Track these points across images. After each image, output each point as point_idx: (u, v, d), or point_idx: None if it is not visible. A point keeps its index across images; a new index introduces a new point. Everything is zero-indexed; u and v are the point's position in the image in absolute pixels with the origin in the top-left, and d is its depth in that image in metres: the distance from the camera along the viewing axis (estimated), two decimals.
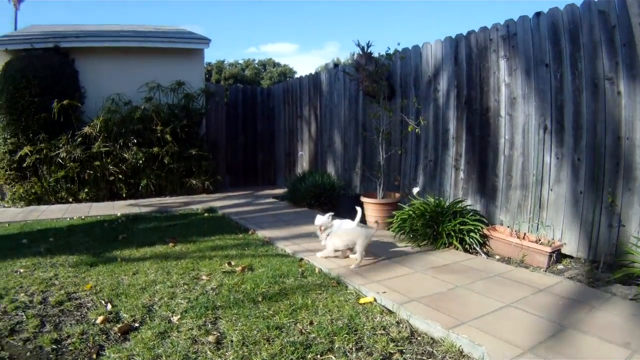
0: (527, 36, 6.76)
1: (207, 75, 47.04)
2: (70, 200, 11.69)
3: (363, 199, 8.46)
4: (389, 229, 7.75)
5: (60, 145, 11.38)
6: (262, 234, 7.75)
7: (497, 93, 7.29)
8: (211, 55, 77.95)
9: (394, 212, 7.67)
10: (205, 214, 9.87)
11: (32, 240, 7.36)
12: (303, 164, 13.44)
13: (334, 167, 11.77)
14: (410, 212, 7.09)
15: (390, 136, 8.86)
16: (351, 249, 6.06)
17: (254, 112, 15.48)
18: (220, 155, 14.43)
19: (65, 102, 11.26)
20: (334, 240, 6.14)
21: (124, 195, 12.08)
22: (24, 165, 11.29)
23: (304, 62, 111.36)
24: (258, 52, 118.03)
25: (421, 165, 8.80)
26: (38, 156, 11.26)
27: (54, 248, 6.80)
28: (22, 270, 5.62)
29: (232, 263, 5.88)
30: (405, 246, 6.83)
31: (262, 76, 53.49)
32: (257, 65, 56.55)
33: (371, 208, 8.31)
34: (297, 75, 15.05)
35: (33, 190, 11.45)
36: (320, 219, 6.43)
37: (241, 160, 15.52)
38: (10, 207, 11.33)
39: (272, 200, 11.83)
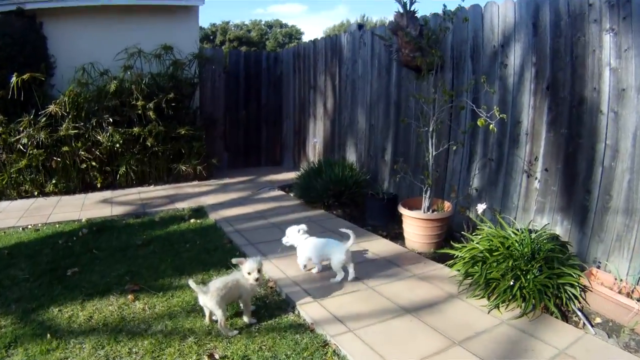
0: None
1: (211, 37, 45.97)
2: (36, 193, 9.86)
3: (403, 211, 6.34)
4: (434, 250, 6.14)
5: (21, 128, 9.48)
6: (265, 268, 5.43)
7: (598, 80, 5.11)
8: (216, 16, 76.30)
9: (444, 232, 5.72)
10: (192, 221, 7.82)
11: None
12: (316, 145, 11.29)
13: (355, 153, 9.60)
14: (483, 250, 4.89)
15: (441, 126, 6.63)
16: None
17: (258, 81, 13.16)
18: (217, 132, 12.43)
19: (25, 75, 9.28)
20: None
21: (99, 186, 10.18)
22: None
23: (313, 23, 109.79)
24: (265, 13, 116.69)
25: (477, 165, 6.65)
26: None
27: None
28: None
29: (216, 356, 3.79)
30: (482, 308, 4.55)
31: (267, 38, 52.17)
32: (263, 26, 55.08)
33: (414, 224, 6.23)
34: (304, 37, 12.89)
35: None
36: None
37: (242, 137, 13.28)
38: None
39: (278, 194, 9.65)
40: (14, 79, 9.26)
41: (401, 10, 6.88)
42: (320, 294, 4.84)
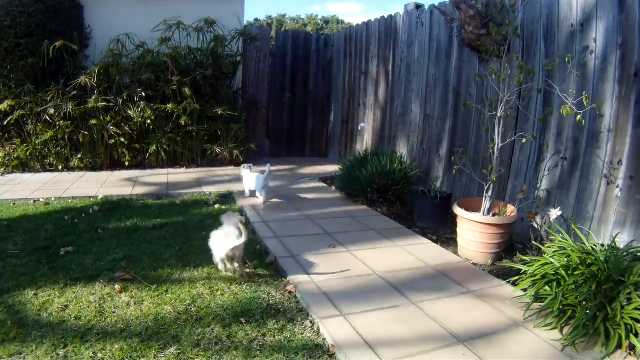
0: None
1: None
2: (61, 167, 9.50)
3: (459, 212, 5.32)
4: (492, 262, 5.09)
5: (49, 98, 9.05)
6: (287, 265, 4.72)
7: None
8: (273, 9, 76.55)
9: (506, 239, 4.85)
10: (216, 206, 7.09)
11: None
12: (365, 136, 10.30)
13: (406, 146, 8.58)
14: (559, 267, 3.87)
15: (509, 113, 5.56)
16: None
17: (307, 65, 12.25)
18: (259, 116, 11.64)
19: (58, 43, 8.87)
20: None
21: (127, 164, 9.66)
22: (5, 123, 9.18)
23: None
24: (323, 10, 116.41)
25: (547, 164, 5.59)
26: (23, 112, 9.08)
27: None
28: None
29: None
30: (554, 344, 3.46)
31: (323, 33, 51.96)
32: (319, 21, 54.71)
33: (471, 229, 5.18)
34: (350, 25, 11.99)
35: (16, 155, 9.35)
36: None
37: (286, 124, 12.38)
38: None
39: (318, 186, 8.75)
40: (45, 47, 8.90)
41: None
42: (350, 306, 3.87)
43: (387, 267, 4.64)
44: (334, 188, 8.43)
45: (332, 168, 10.24)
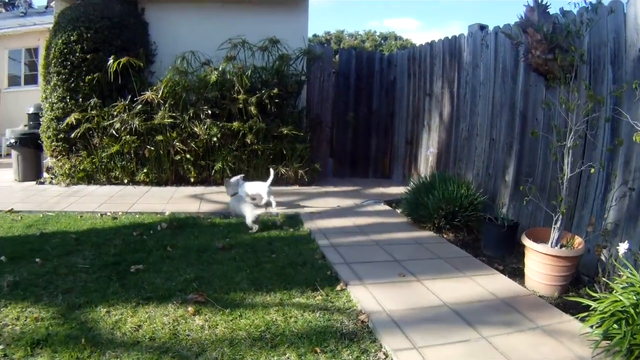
0: None
1: (325, 45, 45.56)
2: (126, 181, 9.79)
3: (527, 243, 5.20)
4: (559, 295, 4.94)
5: (115, 113, 9.32)
6: (358, 295, 4.64)
7: None
8: (331, 25, 76.60)
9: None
10: (283, 228, 7.06)
11: (15, 257, 5.41)
12: (429, 158, 10.16)
13: (472, 170, 8.44)
14: (627, 305, 3.74)
15: (578, 142, 5.41)
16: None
17: (370, 85, 12.17)
18: (323, 135, 11.67)
19: (123, 59, 9.14)
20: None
21: (192, 180, 9.86)
22: (72, 136, 9.48)
23: (425, 39, 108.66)
24: (380, 26, 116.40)
25: (614, 194, 5.40)
26: (89, 125, 9.38)
27: (23, 283, 4.70)
28: None
29: None
30: None
31: (381, 49, 51.81)
32: (377, 37, 54.55)
33: (538, 260, 5.07)
34: (414, 45, 11.99)
35: (81, 167, 9.70)
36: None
37: (350, 144, 12.29)
38: (56, 184, 9.81)
39: (383, 209, 8.63)
40: (111, 62, 9.13)
41: (531, 4, 5.84)
42: (422, 338, 3.80)
43: (457, 298, 4.58)
44: (399, 211, 8.31)
45: (396, 190, 10.13)
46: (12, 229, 6.62)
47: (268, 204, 8.00)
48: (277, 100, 9.80)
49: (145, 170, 9.65)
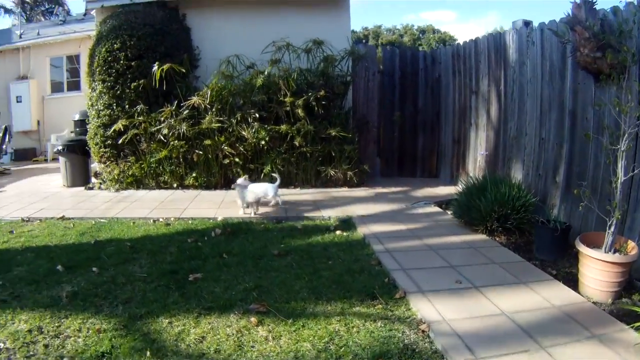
0: None
1: (363, 40, 45.80)
2: (175, 185, 9.98)
3: (581, 248, 5.14)
4: (612, 301, 4.87)
5: (162, 118, 9.51)
6: (417, 304, 4.63)
7: None
8: (368, 20, 76.18)
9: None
10: (337, 232, 7.02)
11: (71, 266, 5.51)
12: (477, 158, 10.08)
13: (521, 170, 8.34)
14: None
15: (631, 145, 5.36)
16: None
17: (415, 83, 12.10)
18: (370, 136, 11.65)
19: (165, 66, 9.32)
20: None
21: None
22: (120, 142, 9.69)
23: (464, 30, 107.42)
24: (417, 19, 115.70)
25: None
26: (136, 131, 9.53)
27: (82, 293, 4.78)
28: None
29: None
30: None
31: (420, 43, 51.40)
32: (415, 31, 54.25)
33: (593, 266, 5.02)
34: (457, 42, 11.85)
35: (130, 172, 9.88)
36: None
37: (397, 143, 12.26)
38: (105, 189, 9.98)
39: (434, 211, 8.56)
40: (155, 69, 9.32)
41: (578, 1, 5.81)
42: (483, 349, 3.80)
43: (515, 306, 4.55)
44: (449, 213, 8.24)
45: (444, 190, 10.14)
46: (66, 236, 6.75)
47: (276, 204, 8.25)
48: (324, 102, 9.83)
49: (194, 175, 9.77)
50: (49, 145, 17.72)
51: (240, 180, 8.02)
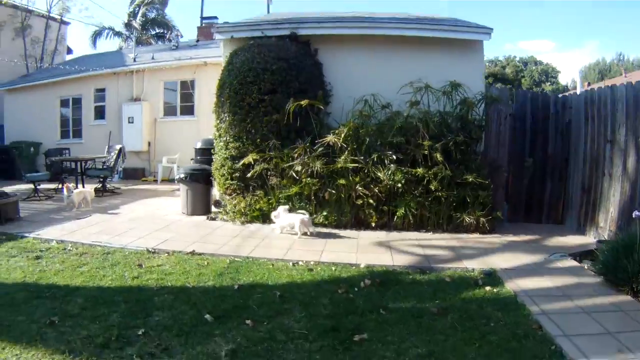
0: None
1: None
2: None
3: None
4: None
5: (296, 155, 9.55)
6: None
7: None
8: None
9: None
10: (486, 288, 6.75)
11: (219, 316, 5.35)
12: (610, 209, 9.62)
13: None
14: None
15: None
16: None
17: (545, 128, 11.82)
18: (499, 180, 11.35)
19: (303, 102, 9.43)
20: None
21: (373, 225, 9.76)
22: (248, 175, 9.86)
23: (563, 60, 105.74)
24: (514, 48, 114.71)
25: None
26: (266, 166, 9.67)
27: (242, 351, 4.55)
28: None
29: None
30: None
31: (522, 75, 50.63)
32: (518, 63, 53.54)
33: None
34: (560, 76, 11.62)
35: (257, 206, 10.03)
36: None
37: (525, 189, 11.98)
38: (229, 221, 10.16)
39: (572, 265, 8.17)
40: (290, 104, 9.38)
41: None
42: None
43: None
44: (586, 267, 7.93)
45: (574, 240, 9.82)
46: (202, 276, 6.72)
47: (304, 233, 9.20)
48: (462, 147, 9.73)
49: (324, 213, 9.75)
50: (160, 166, 18.24)
51: (280, 209, 9.36)
